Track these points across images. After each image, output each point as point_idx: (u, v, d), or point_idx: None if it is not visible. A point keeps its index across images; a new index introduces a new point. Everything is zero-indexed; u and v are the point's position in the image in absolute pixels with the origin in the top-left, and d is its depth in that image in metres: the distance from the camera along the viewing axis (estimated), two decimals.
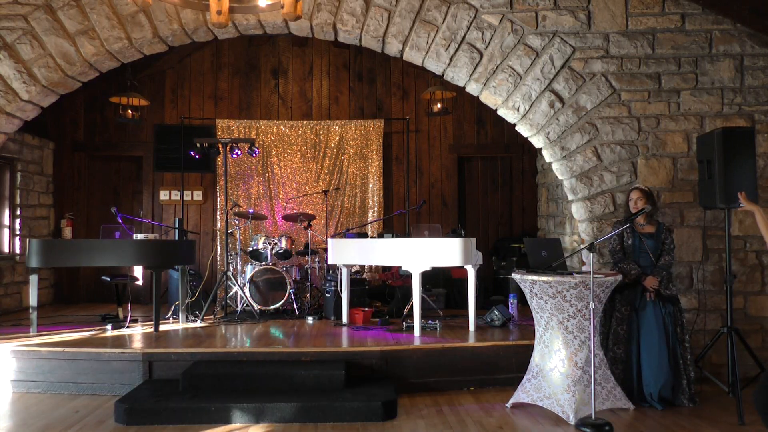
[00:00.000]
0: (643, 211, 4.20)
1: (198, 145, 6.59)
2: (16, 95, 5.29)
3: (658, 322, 4.22)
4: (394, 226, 7.81)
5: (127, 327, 5.68)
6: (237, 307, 6.46)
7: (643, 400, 4.20)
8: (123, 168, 8.18)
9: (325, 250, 6.40)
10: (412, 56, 5.40)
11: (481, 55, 5.23)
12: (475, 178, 8.30)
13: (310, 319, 6.12)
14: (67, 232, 7.61)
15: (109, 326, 5.57)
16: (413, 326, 5.22)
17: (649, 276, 4.27)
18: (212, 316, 6.30)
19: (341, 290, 5.94)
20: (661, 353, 4.17)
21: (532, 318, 4.22)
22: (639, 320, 4.28)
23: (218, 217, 7.79)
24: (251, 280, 6.38)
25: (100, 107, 7.85)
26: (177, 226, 6.40)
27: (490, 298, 7.17)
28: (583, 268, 5.21)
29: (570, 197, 5.35)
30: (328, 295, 6.33)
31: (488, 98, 5.39)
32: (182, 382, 4.32)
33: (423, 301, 5.77)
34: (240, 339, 5.20)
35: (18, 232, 7.03)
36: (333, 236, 6.80)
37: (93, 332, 5.42)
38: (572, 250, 6.20)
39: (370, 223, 7.72)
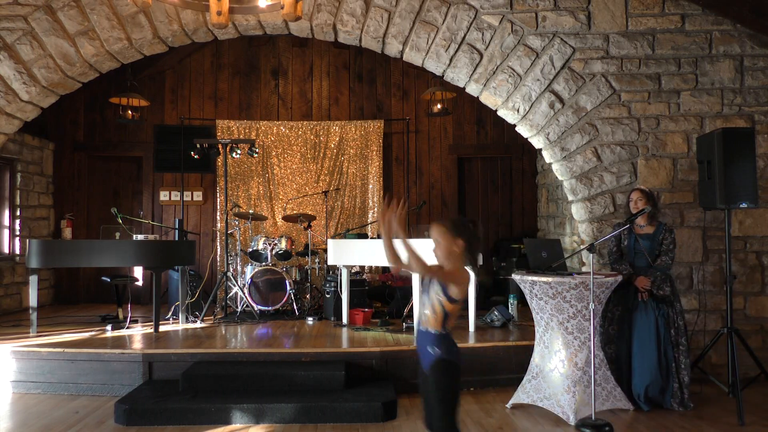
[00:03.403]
0: (643, 212, 4.18)
1: (198, 145, 6.58)
2: (16, 96, 5.29)
3: (650, 323, 4.17)
4: None
5: (127, 327, 5.68)
6: (237, 307, 6.46)
7: (631, 400, 4.17)
8: (123, 168, 8.18)
9: (325, 250, 6.40)
10: (412, 57, 5.40)
11: (481, 55, 5.23)
12: (475, 178, 8.30)
13: (310, 320, 6.11)
14: (67, 232, 7.61)
15: (109, 327, 5.57)
16: (413, 327, 5.22)
17: (640, 276, 4.23)
18: (212, 317, 6.29)
19: (341, 291, 5.94)
20: (650, 354, 4.12)
21: (532, 319, 4.22)
22: (632, 321, 4.25)
23: (218, 217, 7.79)
24: (251, 281, 6.38)
25: (100, 107, 7.85)
26: (177, 226, 6.40)
27: (490, 298, 7.17)
28: (583, 269, 5.21)
29: (570, 198, 5.35)
30: (328, 296, 6.33)
31: (488, 99, 5.39)
32: (182, 383, 4.32)
33: None
34: (240, 339, 5.20)
35: (18, 233, 7.03)
36: (333, 237, 6.81)
37: (93, 333, 5.42)
38: (572, 250, 6.20)
39: (371, 223, 7.71)
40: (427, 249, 5.48)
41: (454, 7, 5.19)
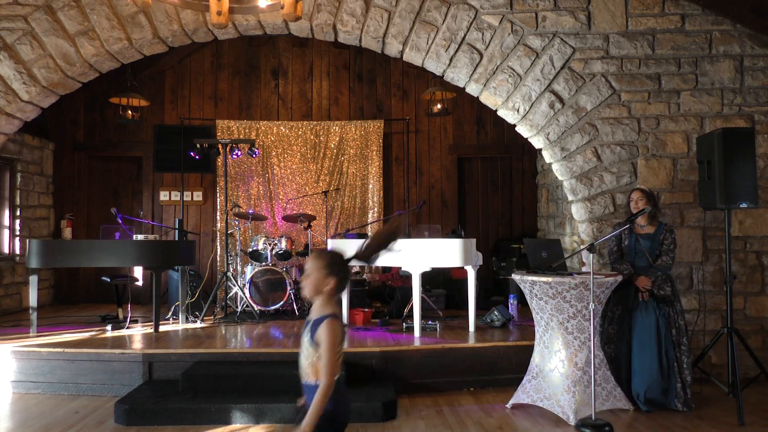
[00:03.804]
0: (643, 212, 4.18)
1: (198, 145, 6.58)
2: (16, 96, 5.29)
3: (650, 324, 4.16)
4: None
5: (127, 327, 5.68)
6: (237, 307, 6.46)
7: (630, 400, 4.16)
8: (123, 168, 8.18)
9: None
10: (412, 57, 5.40)
11: (481, 55, 5.23)
12: (475, 178, 8.30)
13: None
14: (67, 232, 7.61)
15: (109, 327, 5.57)
16: (413, 327, 5.22)
17: (641, 276, 4.22)
18: (212, 317, 6.29)
19: None
20: (651, 355, 4.11)
21: (532, 319, 4.22)
22: (632, 321, 4.23)
23: (218, 217, 7.79)
24: (251, 281, 6.38)
25: (100, 107, 7.85)
26: (177, 226, 6.40)
27: (490, 298, 7.17)
28: (583, 269, 5.21)
29: (570, 198, 5.35)
30: None
31: (488, 99, 5.39)
32: (182, 383, 4.32)
33: (423, 301, 5.77)
34: (240, 339, 5.20)
35: (18, 233, 7.03)
36: (333, 237, 6.81)
37: (93, 333, 5.42)
38: (572, 250, 6.20)
39: (370, 223, 7.71)
40: (418, 249, 5.47)
41: (454, 7, 5.19)
